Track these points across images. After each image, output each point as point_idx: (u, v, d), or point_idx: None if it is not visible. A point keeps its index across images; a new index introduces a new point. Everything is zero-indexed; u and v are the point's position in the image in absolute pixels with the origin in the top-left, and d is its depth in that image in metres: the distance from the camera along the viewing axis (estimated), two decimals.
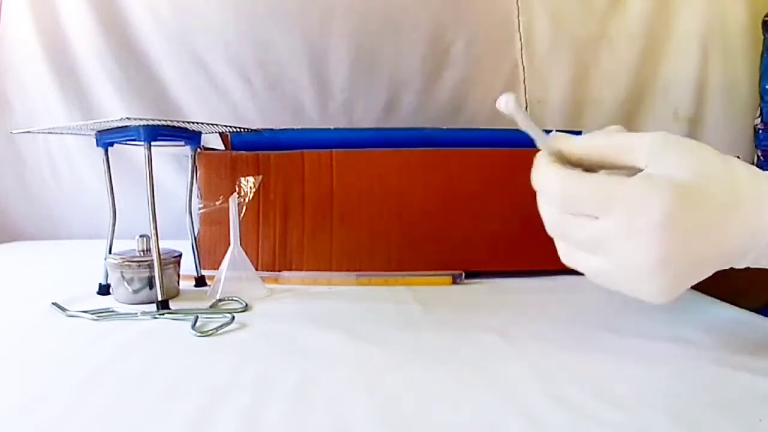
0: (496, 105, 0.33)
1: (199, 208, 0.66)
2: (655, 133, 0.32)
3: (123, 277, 0.54)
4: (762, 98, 0.95)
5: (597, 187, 0.32)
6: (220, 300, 0.54)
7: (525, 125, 0.34)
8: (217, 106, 0.94)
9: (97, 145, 0.58)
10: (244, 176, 0.61)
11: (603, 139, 0.34)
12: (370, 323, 0.48)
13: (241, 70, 0.92)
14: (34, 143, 0.97)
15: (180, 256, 0.58)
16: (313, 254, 0.67)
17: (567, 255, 0.36)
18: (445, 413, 0.32)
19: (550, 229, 0.36)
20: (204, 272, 0.62)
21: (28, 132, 0.60)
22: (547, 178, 0.34)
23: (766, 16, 0.94)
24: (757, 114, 0.96)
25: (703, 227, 0.31)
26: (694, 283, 0.33)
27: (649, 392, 0.34)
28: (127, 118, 0.49)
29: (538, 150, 0.35)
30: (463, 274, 0.64)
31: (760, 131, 0.96)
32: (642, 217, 0.30)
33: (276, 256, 0.66)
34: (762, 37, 0.94)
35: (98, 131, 0.57)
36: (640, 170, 0.32)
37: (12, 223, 0.98)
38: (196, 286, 0.61)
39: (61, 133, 0.65)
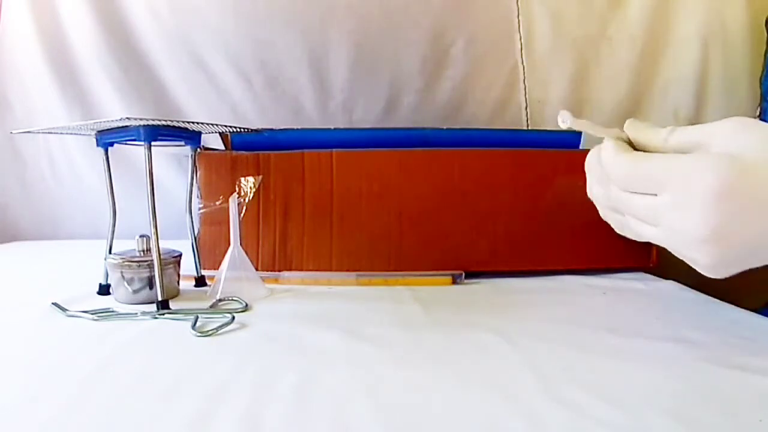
0: (558, 122, 0.33)
1: (199, 208, 0.66)
2: (733, 118, 0.33)
3: (123, 277, 0.54)
4: (763, 97, 0.94)
5: (656, 166, 0.33)
6: (220, 300, 0.54)
7: (591, 130, 0.35)
8: (217, 106, 0.94)
9: (97, 145, 0.58)
10: (244, 176, 0.61)
11: (682, 134, 0.35)
12: (370, 323, 0.48)
13: (241, 70, 0.92)
14: (34, 143, 0.97)
15: (180, 256, 0.58)
16: (313, 254, 0.67)
17: (621, 226, 0.37)
18: (445, 413, 0.32)
19: (607, 203, 0.37)
20: (204, 272, 0.62)
21: (28, 132, 0.59)
22: (615, 160, 0.35)
23: None
24: (757, 113, 0.95)
25: (761, 204, 0.30)
26: (752, 266, 0.33)
27: (649, 392, 0.34)
28: (127, 118, 0.49)
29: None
30: (463, 274, 0.64)
31: None
32: (695, 187, 0.31)
33: (276, 256, 0.66)
34: (765, 36, 0.94)
35: (98, 131, 0.57)
36: None
37: (12, 223, 0.98)
38: (196, 286, 0.61)
39: (61, 133, 0.65)
